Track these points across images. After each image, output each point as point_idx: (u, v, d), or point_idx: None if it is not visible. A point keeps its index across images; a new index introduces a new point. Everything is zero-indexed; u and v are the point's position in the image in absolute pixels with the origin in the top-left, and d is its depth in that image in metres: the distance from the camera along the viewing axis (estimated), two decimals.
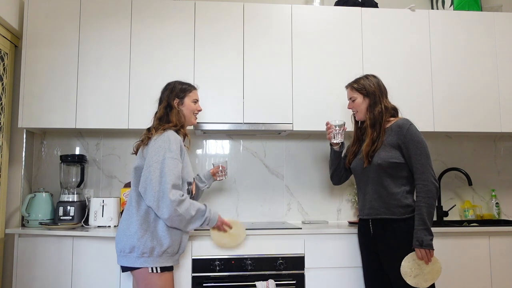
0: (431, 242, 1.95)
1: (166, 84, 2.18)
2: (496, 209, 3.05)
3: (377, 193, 2.10)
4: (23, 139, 2.73)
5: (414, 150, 2.02)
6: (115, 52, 2.63)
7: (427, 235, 1.94)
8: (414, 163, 2.02)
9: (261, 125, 2.67)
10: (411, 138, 2.03)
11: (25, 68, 2.57)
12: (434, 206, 1.99)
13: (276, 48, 2.72)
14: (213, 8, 2.71)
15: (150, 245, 1.89)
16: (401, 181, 2.06)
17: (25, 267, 2.39)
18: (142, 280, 1.91)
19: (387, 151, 2.06)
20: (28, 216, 2.60)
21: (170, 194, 1.85)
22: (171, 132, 2.00)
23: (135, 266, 1.90)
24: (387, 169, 2.06)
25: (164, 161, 1.90)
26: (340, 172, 2.40)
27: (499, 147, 3.19)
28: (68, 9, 2.63)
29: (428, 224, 1.96)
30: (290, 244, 2.35)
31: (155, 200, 1.86)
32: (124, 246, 1.92)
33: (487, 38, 2.87)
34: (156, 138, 1.97)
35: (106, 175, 2.89)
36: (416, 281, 1.97)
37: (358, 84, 2.21)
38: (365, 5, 2.92)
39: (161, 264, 1.92)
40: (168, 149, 1.92)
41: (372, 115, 2.14)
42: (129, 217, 1.95)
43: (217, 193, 2.94)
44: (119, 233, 1.96)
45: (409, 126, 2.06)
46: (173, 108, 2.09)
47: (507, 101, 2.83)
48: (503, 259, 2.49)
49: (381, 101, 2.15)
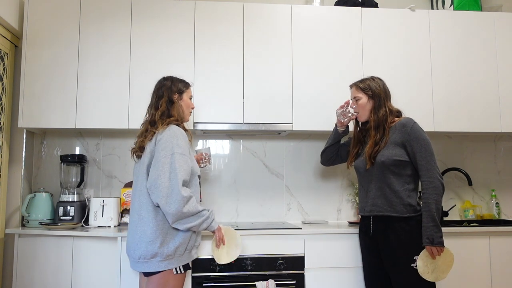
0: (442, 240, 1.95)
1: (162, 79, 2.13)
2: (496, 209, 3.05)
3: (380, 190, 2.09)
4: (23, 139, 2.73)
5: (419, 148, 2.03)
6: (115, 52, 2.63)
7: (437, 232, 1.95)
8: (419, 160, 2.03)
9: (261, 125, 2.67)
10: (415, 136, 2.04)
11: (25, 68, 2.57)
12: (441, 203, 2.00)
13: (276, 48, 2.72)
14: (213, 8, 2.71)
15: (174, 247, 1.86)
16: (404, 179, 2.07)
17: (25, 267, 2.39)
18: (163, 283, 1.86)
19: (391, 149, 2.07)
20: (28, 216, 2.60)
21: (182, 190, 1.82)
22: (176, 127, 1.97)
23: (159, 270, 1.85)
24: (391, 167, 2.06)
25: (173, 156, 1.86)
26: (332, 153, 2.44)
27: (499, 147, 3.19)
28: (68, 9, 2.63)
29: (437, 221, 1.96)
30: (290, 244, 2.35)
31: (163, 196, 1.82)
32: (145, 253, 1.85)
33: (487, 38, 2.87)
34: (162, 133, 1.93)
35: (106, 175, 2.89)
36: (435, 276, 1.99)
37: (364, 84, 2.20)
38: (365, 5, 2.92)
39: (184, 263, 1.90)
40: (176, 144, 1.89)
41: (377, 117, 2.14)
42: (143, 222, 1.88)
43: (217, 193, 2.94)
44: (135, 240, 1.88)
45: (413, 125, 2.07)
46: (174, 103, 2.05)
47: (507, 101, 2.83)
48: (503, 259, 2.49)
49: (385, 104, 2.15)
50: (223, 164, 2.99)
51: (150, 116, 2.05)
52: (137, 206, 1.94)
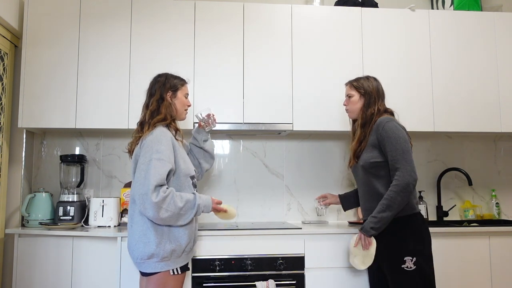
0: (369, 230, 2.00)
1: (157, 76, 2.10)
2: (496, 209, 3.05)
3: (368, 194, 2.13)
4: (23, 139, 2.72)
5: (389, 147, 2.01)
6: (115, 52, 2.63)
7: (371, 223, 2.00)
8: (389, 160, 2.02)
9: (261, 125, 2.67)
10: (386, 135, 2.02)
11: (25, 68, 2.57)
12: (397, 201, 1.95)
13: (276, 48, 2.72)
14: (213, 8, 2.71)
15: (170, 249, 1.85)
16: (385, 181, 2.06)
17: (25, 267, 2.39)
18: (162, 283, 1.86)
19: (369, 152, 2.09)
20: (28, 216, 2.60)
21: (152, 195, 1.77)
22: (161, 129, 1.93)
23: (156, 271, 1.85)
24: (370, 170, 2.08)
25: (150, 162, 1.82)
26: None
27: (499, 147, 3.19)
28: (68, 9, 2.63)
29: (378, 216, 1.98)
30: (290, 244, 2.35)
31: (141, 203, 1.79)
32: (142, 254, 1.85)
33: (487, 38, 2.87)
34: (146, 137, 1.91)
35: (106, 175, 2.89)
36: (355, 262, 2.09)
37: (357, 83, 2.22)
38: (365, 5, 2.92)
39: (181, 264, 1.89)
40: (155, 150, 1.84)
41: (365, 115, 2.15)
42: (142, 223, 1.87)
43: (217, 193, 2.94)
44: (134, 241, 1.88)
45: (386, 124, 2.05)
46: (164, 101, 2.02)
47: (507, 101, 2.83)
48: (503, 259, 2.49)
49: (375, 103, 2.16)
50: (223, 164, 2.99)
51: (142, 116, 2.05)
52: (134, 207, 1.94)
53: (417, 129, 2.72)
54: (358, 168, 2.16)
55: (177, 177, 1.94)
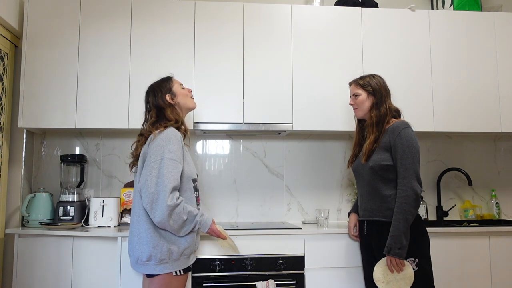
0: (399, 251, 1.91)
1: (146, 92, 2.09)
2: (496, 209, 3.05)
3: (370, 195, 2.11)
4: (23, 139, 2.72)
5: (401, 154, 2.00)
6: (115, 52, 2.63)
7: (396, 243, 1.92)
8: (398, 167, 2.01)
9: (261, 125, 2.67)
10: (400, 142, 2.01)
11: (25, 68, 2.57)
12: (411, 213, 1.94)
13: (276, 48, 2.72)
14: (213, 8, 2.71)
15: (167, 251, 1.83)
16: (392, 184, 2.04)
17: (25, 267, 2.39)
18: (166, 284, 1.85)
19: (380, 154, 2.06)
20: (28, 216, 2.60)
21: (168, 198, 1.76)
22: (172, 130, 1.93)
23: (155, 273, 1.84)
24: (379, 171, 2.06)
25: (162, 161, 1.81)
26: None
27: (499, 147, 3.19)
28: (68, 9, 2.63)
29: (401, 232, 1.92)
30: (290, 244, 2.35)
31: (149, 202, 1.78)
32: (140, 255, 1.84)
33: (487, 38, 2.87)
34: (156, 137, 1.89)
35: (106, 175, 2.89)
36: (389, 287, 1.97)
37: (363, 81, 2.19)
38: (365, 5, 2.92)
39: (181, 267, 1.88)
40: (167, 150, 1.83)
41: (378, 113, 2.12)
42: (140, 225, 1.87)
43: (217, 193, 2.94)
44: (133, 242, 1.88)
45: (402, 129, 2.03)
46: (167, 107, 2.01)
47: (507, 101, 2.83)
48: (503, 259, 2.49)
49: (386, 101, 2.14)
50: (223, 164, 2.99)
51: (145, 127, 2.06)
52: (135, 208, 1.93)
53: (417, 129, 2.68)
54: (365, 168, 2.12)
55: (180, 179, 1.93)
